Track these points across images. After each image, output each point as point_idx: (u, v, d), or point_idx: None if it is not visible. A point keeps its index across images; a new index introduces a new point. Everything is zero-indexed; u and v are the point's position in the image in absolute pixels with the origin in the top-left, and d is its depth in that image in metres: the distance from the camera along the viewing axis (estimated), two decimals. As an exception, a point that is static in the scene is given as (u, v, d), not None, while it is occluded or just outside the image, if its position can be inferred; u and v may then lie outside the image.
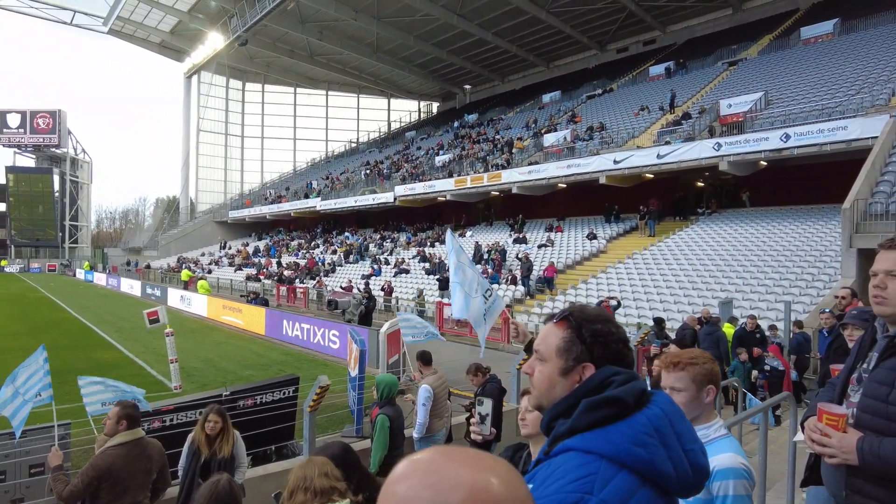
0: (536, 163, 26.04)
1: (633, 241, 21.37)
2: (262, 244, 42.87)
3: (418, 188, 30.71)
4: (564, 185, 24.52)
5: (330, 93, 63.11)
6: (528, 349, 2.77)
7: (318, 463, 2.46)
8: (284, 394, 7.45)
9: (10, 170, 60.96)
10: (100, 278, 42.28)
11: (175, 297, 25.59)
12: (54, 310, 23.78)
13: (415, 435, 5.88)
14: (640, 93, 31.05)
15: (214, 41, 49.32)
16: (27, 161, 62.67)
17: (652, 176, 22.05)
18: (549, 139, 27.75)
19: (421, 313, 18.14)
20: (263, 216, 45.27)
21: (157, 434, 5.30)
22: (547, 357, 1.25)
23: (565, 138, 26.96)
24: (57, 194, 61.65)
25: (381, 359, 11.24)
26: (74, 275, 51.30)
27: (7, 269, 56.14)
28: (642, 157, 21.19)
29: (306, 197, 41.07)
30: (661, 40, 39.90)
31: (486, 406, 2.74)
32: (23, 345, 14.84)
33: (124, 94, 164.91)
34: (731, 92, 23.81)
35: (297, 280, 28.85)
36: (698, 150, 19.55)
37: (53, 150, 61.65)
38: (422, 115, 58.24)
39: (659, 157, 20.58)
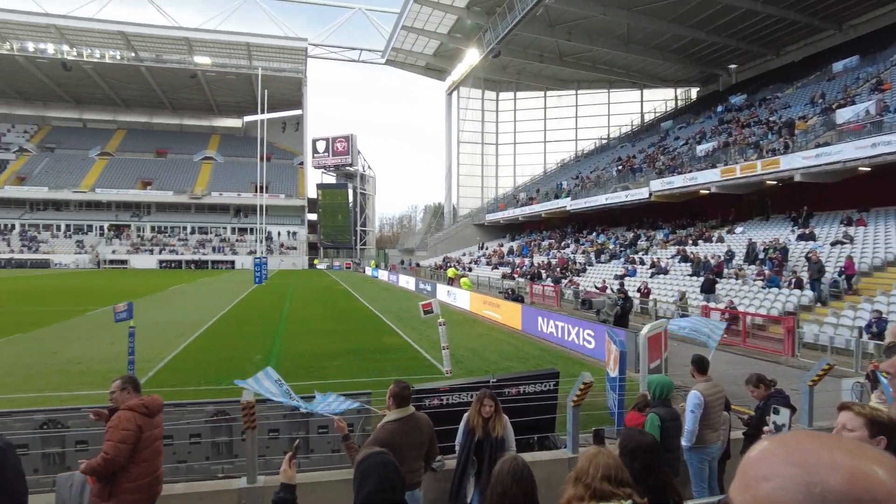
0: (827, 144, 21.91)
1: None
2: (515, 244, 44.89)
3: (677, 181, 28.55)
4: (867, 169, 20.14)
5: (579, 91, 62.89)
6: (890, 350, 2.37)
7: (603, 463, 2.33)
8: (545, 386, 7.67)
9: (320, 186, 75.47)
10: (382, 275, 49.48)
11: (442, 292, 28.41)
12: (351, 300, 28.54)
13: (684, 443, 5.50)
14: None
15: (471, 57, 53.37)
16: (330, 179, 76.70)
17: None
18: (845, 114, 23.08)
19: (684, 317, 16.85)
20: (516, 218, 47.33)
21: (435, 410, 5.97)
22: None
23: (867, 112, 22.10)
24: (351, 205, 74.06)
25: (642, 362, 10.77)
26: (364, 272, 61.12)
27: (318, 266, 69.62)
28: None
29: (556, 197, 41.62)
30: None
31: (783, 416, 2.45)
32: (332, 327, 18.22)
33: (397, 115, 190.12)
34: None
35: (549, 279, 29.42)
36: None
37: (348, 168, 74.17)
38: (679, 103, 54.08)
39: None
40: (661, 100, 55.69)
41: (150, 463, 3.97)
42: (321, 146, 74.70)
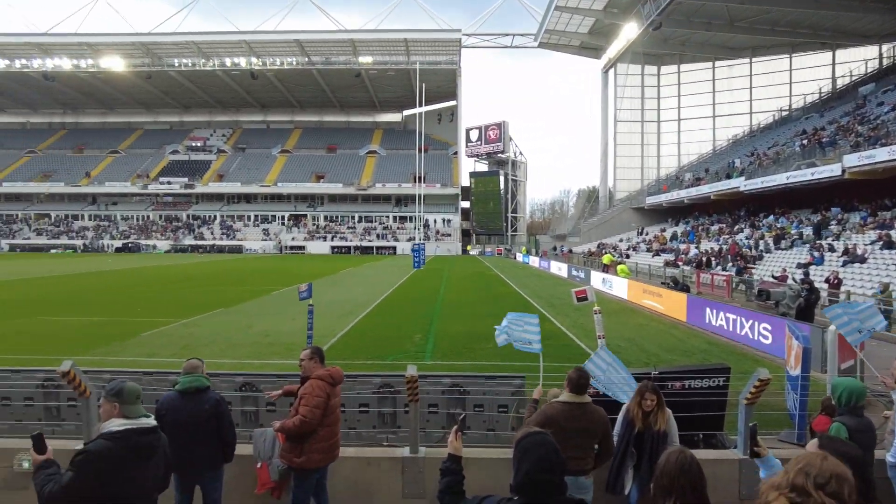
0: None
1: None
2: (679, 229, 41.83)
3: (880, 155, 24.32)
4: None
5: (754, 59, 56.35)
6: None
7: (826, 473, 1.85)
8: (714, 382, 7.07)
9: (473, 175, 77.13)
10: (533, 261, 49.25)
11: (597, 279, 27.49)
12: (502, 285, 28.85)
13: (889, 459, 4.71)
14: None
15: (628, 32, 50.44)
16: (482, 166, 77.93)
17: None
18: None
19: (888, 313, 14.40)
20: (681, 200, 43.99)
21: (595, 400, 5.79)
22: None
23: None
24: (502, 192, 74.57)
25: (830, 362, 9.42)
26: (515, 258, 61.37)
27: (471, 253, 71.43)
28: None
29: (728, 177, 37.88)
30: None
31: None
32: (485, 311, 18.57)
33: (549, 98, 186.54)
34: None
35: (719, 267, 26.96)
36: None
37: (499, 155, 74.69)
38: (884, 62, 45.64)
39: None
40: (858, 60, 47.45)
41: (332, 427, 4.43)
42: (474, 135, 76.14)
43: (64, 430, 6.12)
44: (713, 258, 29.16)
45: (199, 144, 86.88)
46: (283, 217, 76.22)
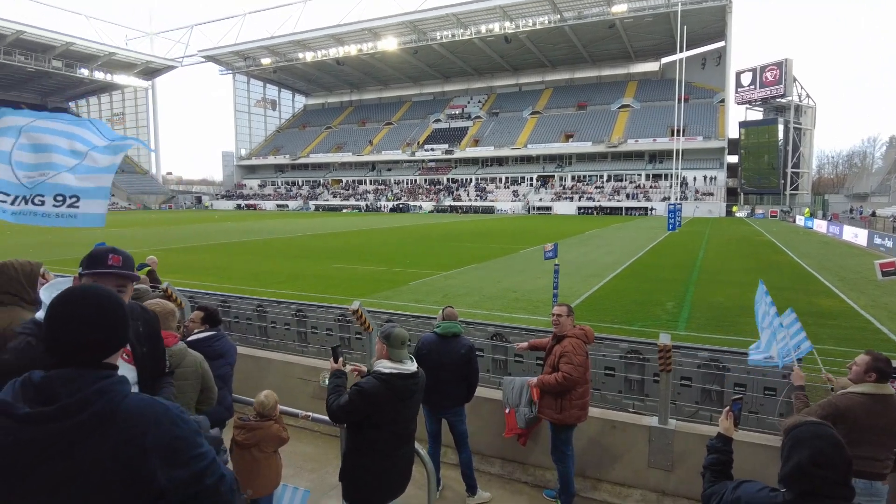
0: None
1: None
2: None
3: None
4: None
5: None
6: None
7: None
8: None
9: (743, 125, 67.68)
10: (819, 225, 41.49)
11: (911, 249, 22.03)
12: (777, 252, 25.07)
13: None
14: None
15: None
16: (755, 115, 67.73)
17: None
18: None
19: None
20: None
21: None
22: None
23: None
24: (780, 143, 63.79)
25: None
26: (794, 221, 52.43)
27: (737, 214, 63.37)
28: None
29: None
30: None
31: None
32: (752, 280, 16.46)
33: (849, 28, 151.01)
34: None
35: None
36: None
37: (778, 100, 63.90)
38: None
39: None
40: None
41: (587, 386, 4.58)
42: (746, 79, 66.34)
43: (353, 357, 7.39)
44: None
45: (457, 112, 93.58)
46: (531, 178, 77.98)
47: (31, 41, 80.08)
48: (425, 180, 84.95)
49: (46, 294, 2.15)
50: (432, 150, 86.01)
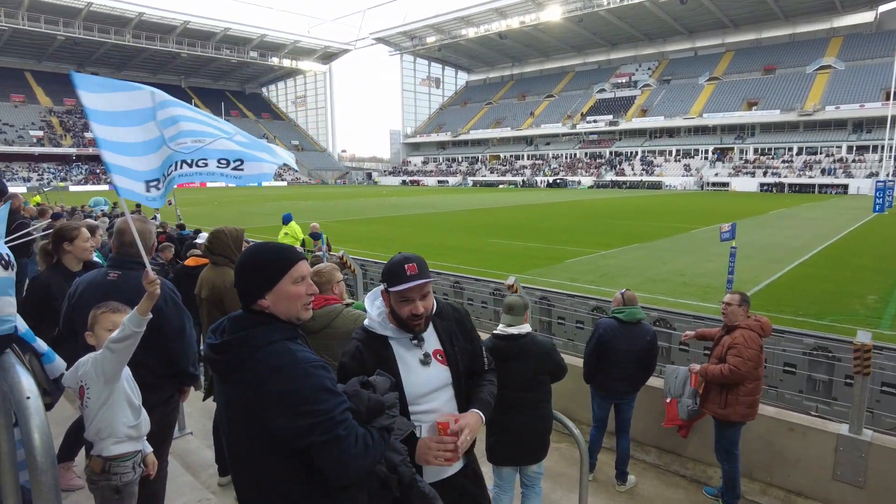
0: None
1: None
2: None
3: None
4: None
5: None
6: None
7: None
8: None
9: None
10: None
11: None
12: None
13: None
14: None
15: None
16: None
17: None
18: None
19: None
20: None
21: None
22: None
23: None
24: None
25: None
26: None
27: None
28: None
29: None
30: None
31: None
32: None
33: None
34: None
35: None
36: None
37: None
38: None
39: None
40: None
41: (758, 383, 4.18)
42: None
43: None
44: None
45: (624, 81, 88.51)
46: (705, 151, 71.31)
47: (235, 36, 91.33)
48: (585, 154, 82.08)
49: (369, 302, 2.25)
50: (595, 121, 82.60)
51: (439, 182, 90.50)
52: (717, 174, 66.81)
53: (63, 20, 73.72)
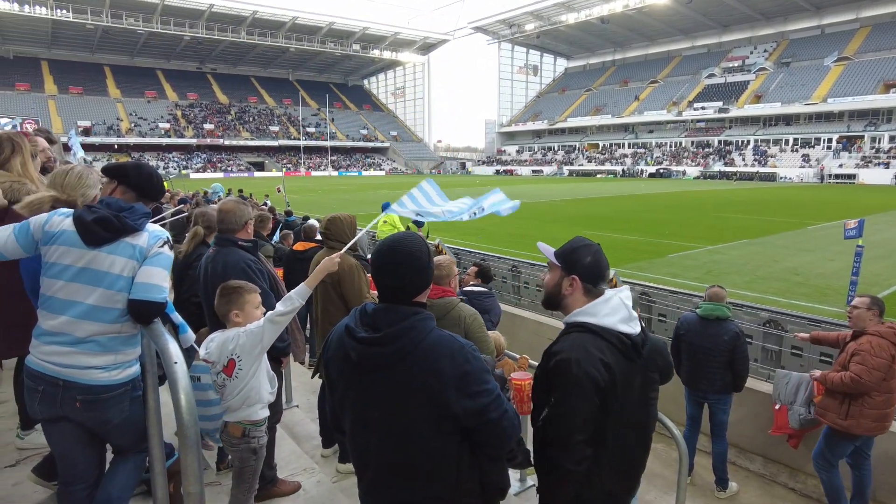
0: None
1: None
2: None
3: None
4: None
5: None
6: None
7: None
8: None
9: None
10: None
11: None
12: None
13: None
14: None
15: None
16: None
17: None
18: None
19: None
20: None
21: None
22: None
23: None
24: None
25: None
26: None
27: None
28: None
29: None
30: None
31: None
32: None
33: None
34: None
35: None
36: None
37: None
38: None
39: None
40: None
41: (890, 395, 3.79)
42: None
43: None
44: None
45: (736, 65, 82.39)
46: (828, 140, 64.88)
47: (339, 30, 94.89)
48: (692, 143, 77.47)
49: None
50: (703, 108, 77.62)
51: (533, 172, 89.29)
52: (841, 165, 60.63)
53: (188, 21, 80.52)
